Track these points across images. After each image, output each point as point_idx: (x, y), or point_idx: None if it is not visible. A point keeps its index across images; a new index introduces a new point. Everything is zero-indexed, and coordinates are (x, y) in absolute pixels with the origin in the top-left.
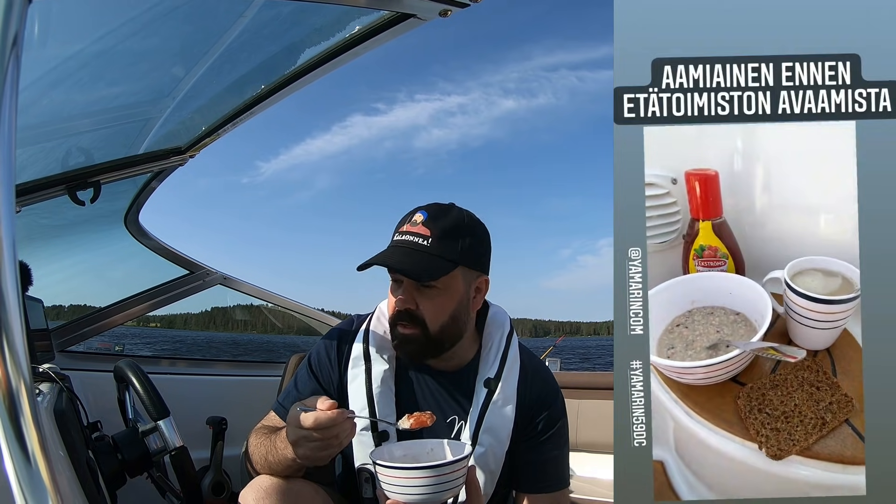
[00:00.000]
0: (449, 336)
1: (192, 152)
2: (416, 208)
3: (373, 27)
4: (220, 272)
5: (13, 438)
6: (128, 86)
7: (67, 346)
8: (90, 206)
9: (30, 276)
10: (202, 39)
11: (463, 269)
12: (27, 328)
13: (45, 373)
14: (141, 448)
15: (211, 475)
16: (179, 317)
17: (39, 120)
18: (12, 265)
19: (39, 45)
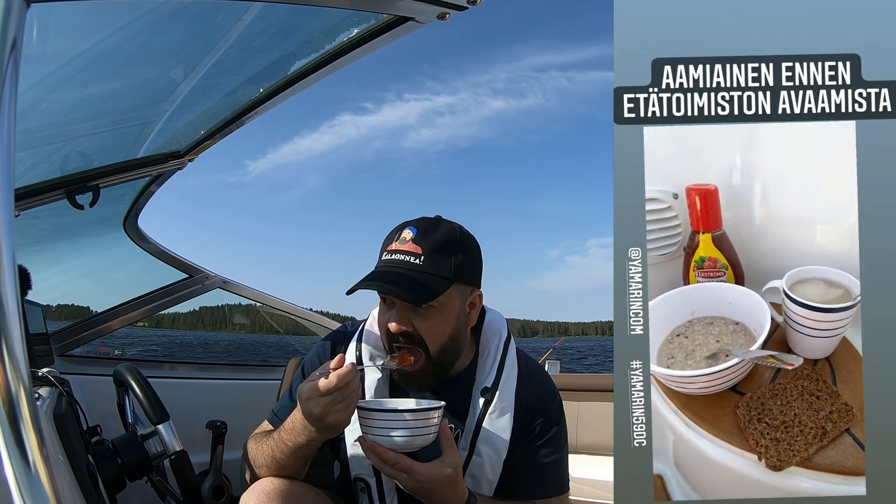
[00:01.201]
0: (450, 356)
1: (190, 156)
2: (404, 224)
3: (371, 30)
4: (219, 276)
5: (13, 443)
6: (127, 89)
7: (67, 351)
8: (89, 210)
9: (29, 280)
10: (201, 43)
11: (457, 286)
12: (26, 332)
13: (44, 377)
14: (140, 452)
15: (211, 479)
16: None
17: (38, 123)
18: (11, 269)
19: (38, 49)
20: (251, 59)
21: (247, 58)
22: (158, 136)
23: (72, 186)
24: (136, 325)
